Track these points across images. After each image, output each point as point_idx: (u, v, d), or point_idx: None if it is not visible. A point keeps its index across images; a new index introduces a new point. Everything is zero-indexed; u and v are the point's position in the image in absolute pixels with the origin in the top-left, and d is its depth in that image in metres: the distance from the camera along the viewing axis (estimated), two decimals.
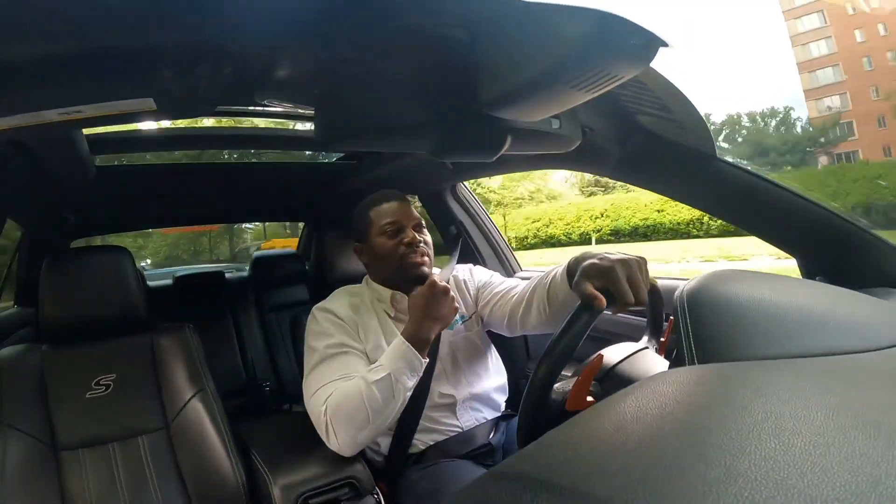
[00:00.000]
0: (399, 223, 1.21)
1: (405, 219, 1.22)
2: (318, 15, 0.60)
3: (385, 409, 1.01)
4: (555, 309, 1.07)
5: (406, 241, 1.19)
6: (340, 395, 1.02)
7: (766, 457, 0.30)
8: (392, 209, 1.23)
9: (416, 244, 1.19)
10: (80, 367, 1.23)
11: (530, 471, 0.33)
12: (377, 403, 0.99)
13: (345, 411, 1.00)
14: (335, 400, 1.02)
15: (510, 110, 0.73)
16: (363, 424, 1.00)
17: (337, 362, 1.09)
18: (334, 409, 1.01)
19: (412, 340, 1.05)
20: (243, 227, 12.90)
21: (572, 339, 0.80)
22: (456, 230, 2.00)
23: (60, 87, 0.69)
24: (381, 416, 1.01)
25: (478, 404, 1.23)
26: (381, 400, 1.00)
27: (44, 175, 1.29)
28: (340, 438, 1.01)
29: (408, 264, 1.18)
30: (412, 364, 1.04)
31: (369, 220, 1.24)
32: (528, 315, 1.14)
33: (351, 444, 1.02)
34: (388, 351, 1.06)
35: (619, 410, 0.39)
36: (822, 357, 0.49)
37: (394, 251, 1.19)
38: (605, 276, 0.85)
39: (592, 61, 0.58)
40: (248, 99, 0.89)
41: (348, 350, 1.11)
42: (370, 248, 1.24)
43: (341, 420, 1.01)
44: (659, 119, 0.97)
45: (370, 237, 1.23)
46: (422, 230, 1.23)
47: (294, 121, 1.62)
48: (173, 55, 0.68)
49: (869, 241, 0.95)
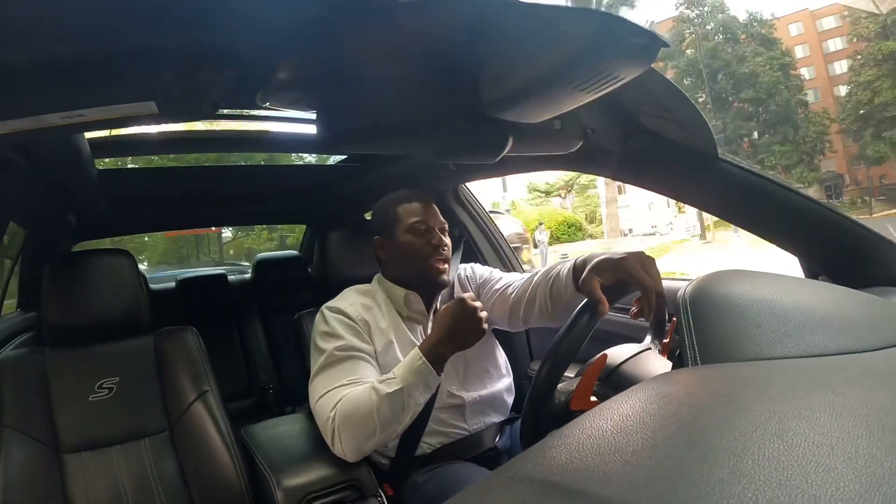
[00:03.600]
0: (427, 223, 1.20)
1: (433, 220, 1.21)
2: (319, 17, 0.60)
3: (394, 423, 0.99)
4: (558, 307, 1.07)
5: (434, 242, 1.19)
6: (350, 404, 1.00)
7: (769, 457, 0.30)
8: (421, 208, 1.22)
9: (443, 247, 1.19)
10: (83, 370, 1.23)
11: (534, 472, 0.33)
12: (386, 417, 0.98)
13: (353, 420, 0.99)
14: (344, 407, 1.00)
15: (512, 111, 0.73)
16: (370, 435, 0.99)
17: (346, 366, 1.07)
18: (343, 416, 1.00)
19: (429, 356, 1.00)
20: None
21: (575, 341, 0.80)
22: (458, 232, 2.00)
23: (63, 90, 0.69)
24: (390, 428, 0.99)
25: (486, 407, 1.23)
26: (391, 413, 0.98)
27: (46, 179, 1.29)
28: (346, 446, 1.00)
29: (431, 267, 1.18)
30: (426, 380, 1.00)
31: (396, 216, 1.22)
32: (530, 311, 1.14)
33: (356, 452, 1.01)
34: (403, 363, 1.03)
35: (621, 411, 0.39)
36: (824, 357, 0.48)
37: (419, 251, 1.18)
38: (619, 269, 0.85)
39: (594, 62, 0.58)
40: (250, 102, 0.89)
41: (358, 354, 1.10)
42: (394, 244, 1.22)
43: (349, 429, 0.99)
44: (660, 119, 0.97)
45: (396, 233, 1.22)
46: (446, 234, 1.23)
47: (296, 123, 1.62)
48: (175, 58, 0.69)
49: (871, 240, 0.94)
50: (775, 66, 22.12)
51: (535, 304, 1.12)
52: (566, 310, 1.02)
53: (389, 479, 1.16)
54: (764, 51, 22.35)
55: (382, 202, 1.29)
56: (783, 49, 22.82)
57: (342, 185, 2.08)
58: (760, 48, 22.37)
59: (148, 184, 1.92)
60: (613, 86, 0.62)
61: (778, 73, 22.02)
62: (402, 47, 0.67)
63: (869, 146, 20.50)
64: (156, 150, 1.71)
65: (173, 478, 1.19)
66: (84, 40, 0.62)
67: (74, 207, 1.74)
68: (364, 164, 1.90)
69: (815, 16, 23.89)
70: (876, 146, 20.26)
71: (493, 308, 1.25)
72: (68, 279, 1.26)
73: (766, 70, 21.91)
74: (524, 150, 0.91)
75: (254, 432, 1.22)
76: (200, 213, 2.44)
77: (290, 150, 1.95)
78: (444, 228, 1.23)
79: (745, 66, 22.10)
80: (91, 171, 1.43)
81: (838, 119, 21.93)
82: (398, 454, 1.16)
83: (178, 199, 2.08)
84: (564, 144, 0.93)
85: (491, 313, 1.26)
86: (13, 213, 1.56)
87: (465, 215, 2.01)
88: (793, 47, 23.70)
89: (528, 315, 1.14)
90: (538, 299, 1.11)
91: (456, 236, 1.99)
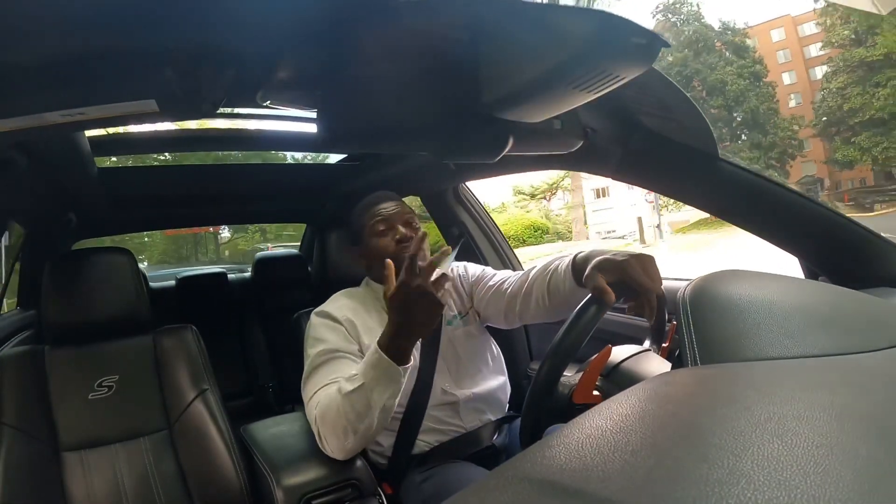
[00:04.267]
0: (389, 221, 1.20)
1: (395, 217, 1.21)
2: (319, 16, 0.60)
3: (363, 420, 0.96)
4: (556, 302, 1.07)
5: (397, 237, 1.19)
6: (325, 403, 1.01)
7: (768, 458, 0.30)
8: (383, 209, 1.22)
9: (407, 240, 1.18)
10: (83, 369, 1.23)
11: (533, 472, 0.33)
12: (352, 415, 0.96)
13: (328, 420, 0.99)
14: (321, 408, 1.01)
15: (512, 111, 0.73)
16: (346, 433, 0.98)
17: (329, 368, 1.08)
18: (321, 417, 1.00)
19: (387, 349, 0.95)
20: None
21: (579, 334, 0.80)
22: (458, 231, 2.00)
23: (63, 89, 0.69)
24: (361, 425, 0.97)
25: (481, 404, 1.23)
26: (356, 411, 0.95)
27: (46, 177, 1.29)
28: (330, 445, 1.01)
29: (400, 261, 1.17)
30: (389, 374, 0.95)
31: (361, 223, 1.24)
32: (526, 306, 1.14)
33: (341, 450, 1.01)
34: (364, 360, 1.00)
35: (621, 411, 0.39)
36: (824, 357, 0.48)
37: (385, 250, 1.18)
38: (620, 270, 0.85)
39: (595, 62, 0.58)
40: (251, 101, 0.89)
41: (340, 354, 1.10)
42: (366, 251, 1.23)
43: (327, 428, 1.00)
44: (661, 119, 0.97)
45: (365, 239, 1.23)
46: (412, 226, 1.21)
47: (296, 122, 1.62)
48: (176, 57, 0.69)
49: (871, 241, 0.94)
50: (745, 74, 22.41)
51: (531, 299, 1.12)
52: (564, 304, 1.04)
53: (388, 478, 1.17)
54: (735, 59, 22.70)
55: (352, 213, 1.29)
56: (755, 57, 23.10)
57: (342, 185, 2.08)
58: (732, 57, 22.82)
59: (148, 182, 1.92)
60: (613, 86, 0.62)
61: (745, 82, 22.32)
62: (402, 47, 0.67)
63: (839, 150, 20.83)
64: (156, 148, 1.71)
65: (172, 476, 1.19)
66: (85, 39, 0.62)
67: (74, 206, 1.74)
68: (364, 164, 1.90)
69: (797, 21, 24.12)
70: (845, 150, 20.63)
71: (488, 305, 1.25)
72: (68, 277, 1.26)
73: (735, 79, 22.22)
74: (524, 149, 0.91)
75: (253, 431, 1.21)
76: (200, 212, 2.44)
77: (290, 150, 1.95)
78: (409, 220, 1.22)
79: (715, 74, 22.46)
80: (91, 170, 1.43)
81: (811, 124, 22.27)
82: (395, 453, 1.16)
83: (179, 198, 2.08)
84: (564, 144, 0.93)
85: (486, 310, 1.27)
86: (13, 212, 1.56)
87: (465, 215, 2.01)
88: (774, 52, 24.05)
89: (525, 310, 1.15)
90: (535, 294, 1.11)
91: (455, 235, 2.00)
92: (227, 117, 1.60)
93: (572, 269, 1.01)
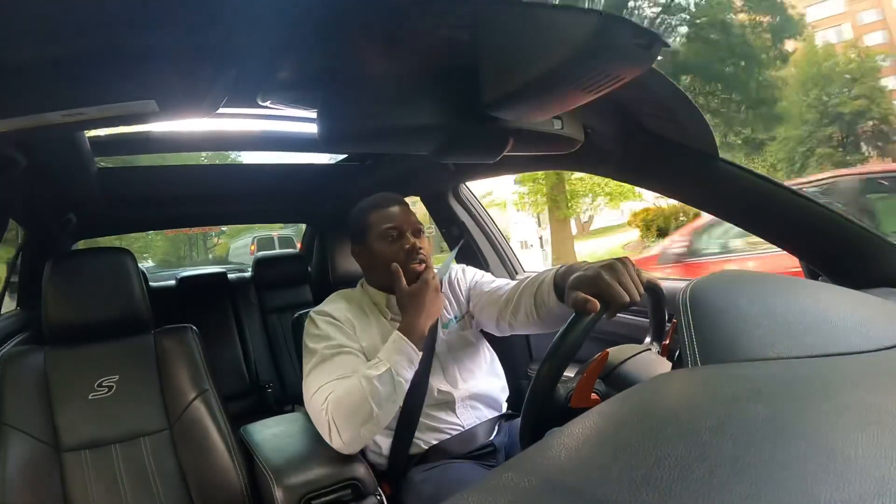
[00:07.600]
0: (399, 228, 1.19)
1: (405, 224, 1.20)
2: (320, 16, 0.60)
3: (387, 402, 1.02)
4: (542, 314, 1.07)
5: (407, 247, 1.18)
6: (342, 392, 1.02)
7: (768, 458, 0.30)
8: (393, 214, 1.21)
9: (417, 251, 1.18)
10: (83, 369, 1.23)
11: (533, 471, 0.33)
12: (379, 397, 1.00)
13: (346, 407, 1.00)
14: (336, 397, 1.02)
15: (512, 111, 0.73)
16: (366, 419, 1.00)
17: (335, 362, 1.09)
18: (336, 406, 1.01)
19: (408, 334, 1.08)
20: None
21: (574, 341, 0.80)
22: (458, 231, 2.00)
23: (63, 89, 0.69)
24: (384, 409, 1.01)
25: (477, 403, 1.23)
26: (384, 393, 1.01)
27: (46, 177, 1.29)
28: (344, 435, 1.01)
29: (408, 272, 1.17)
30: (409, 356, 1.06)
31: (369, 223, 1.22)
32: (515, 316, 1.14)
33: (354, 440, 1.02)
34: (385, 347, 1.08)
35: (621, 411, 0.39)
36: (824, 358, 0.48)
37: (393, 258, 1.17)
38: (593, 285, 0.85)
39: (595, 62, 0.58)
40: (251, 101, 0.89)
41: (346, 350, 1.11)
42: (368, 252, 1.22)
43: (343, 416, 1.00)
44: (660, 119, 0.97)
45: (369, 240, 1.22)
46: (421, 236, 1.21)
47: (296, 122, 1.62)
48: (176, 57, 0.69)
49: (871, 241, 0.94)
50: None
51: (520, 310, 1.12)
52: (550, 316, 1.05)
53: (388, 477, 1.17)
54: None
55: (355, 209, 1.28)
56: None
57: (342, 184, 2.08)
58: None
59: (148, 182, 1.92)
60: (614, 86, 0.62)
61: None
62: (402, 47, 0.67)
63: None
64: (156, 148, 1.70)
65: (173, 476, 1.19)
66: (85, 39, 0.62)
67: (74, 206, 1.74)
68: (364, 164, 1.90)
69: None
70: None
71: (482, 311, 1.25)
72: (68, 277, 1.25)
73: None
74: (524, 149, 0.91)
75: (253, 431, 1.22)
76: (200, 212, 2.44)
77: (290, 150, 1.94)
78: (419, 230, 1.22)
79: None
80: (91, 170, 1.43)
81: None
82: (394, 453, 1.16)
83: (179, 198, 2.07)
84: (564, 144, 0.92)
85: (479, 315, 1.27)
86: (13, 212, 1.55)
87: (465, 215, 2.01)
88: None
89: (514, 320, 1.15)
90: (523, 305, 1.11)
91: (455, 236, 2.00)
92: (227, 117, 1.59)
93: (554, 286, 1.01)
